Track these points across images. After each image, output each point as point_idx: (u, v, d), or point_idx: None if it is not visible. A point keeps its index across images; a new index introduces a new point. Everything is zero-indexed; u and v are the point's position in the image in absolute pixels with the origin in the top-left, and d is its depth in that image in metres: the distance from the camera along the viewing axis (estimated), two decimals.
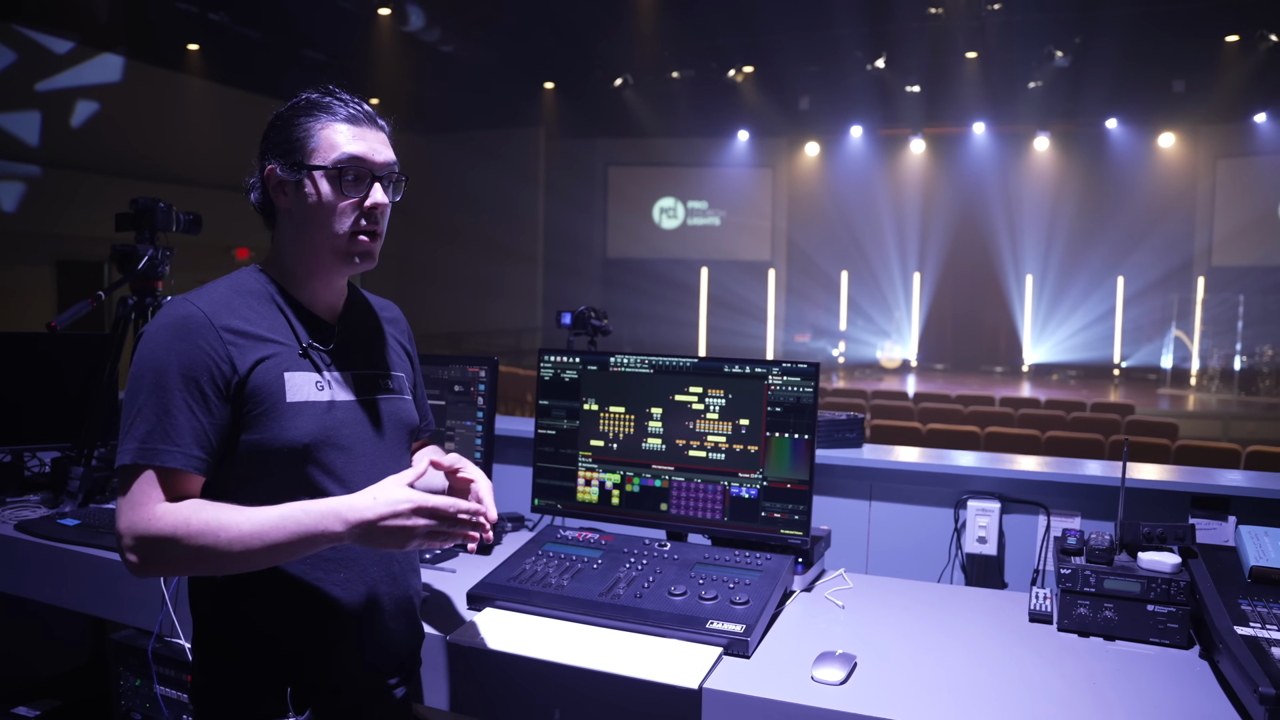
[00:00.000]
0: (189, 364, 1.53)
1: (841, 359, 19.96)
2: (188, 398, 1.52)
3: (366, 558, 1.69)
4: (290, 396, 1.62)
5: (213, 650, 1.66)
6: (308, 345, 1.68)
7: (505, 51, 15.42)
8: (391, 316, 1.96)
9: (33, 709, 3.04)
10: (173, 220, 3.16)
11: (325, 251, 1.66)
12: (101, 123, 13.68)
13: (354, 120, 1.66)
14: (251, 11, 13.20)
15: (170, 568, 1.51)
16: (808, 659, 1.82)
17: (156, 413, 1.52)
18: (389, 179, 1.69)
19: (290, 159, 1.64)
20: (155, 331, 1.57)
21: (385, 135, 1.72)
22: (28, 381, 3.17)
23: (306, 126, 1.64)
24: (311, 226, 1.65)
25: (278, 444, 1.58)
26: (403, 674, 1.79)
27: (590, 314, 3.10)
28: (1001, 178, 18.67)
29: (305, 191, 1.63)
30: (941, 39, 14.43)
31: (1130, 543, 2.13)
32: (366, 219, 1.66)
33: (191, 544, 1.45)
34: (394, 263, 18.72)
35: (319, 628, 1.64)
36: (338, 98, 1.67)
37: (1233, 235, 17.37)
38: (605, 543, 2.33)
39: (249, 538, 1.46)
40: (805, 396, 2.25)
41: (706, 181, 20.62)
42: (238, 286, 1.67)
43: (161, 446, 1.51)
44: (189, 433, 1.52)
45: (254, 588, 1.61)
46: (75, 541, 2.52)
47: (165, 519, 1.47)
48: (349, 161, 1.63)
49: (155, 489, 1.50)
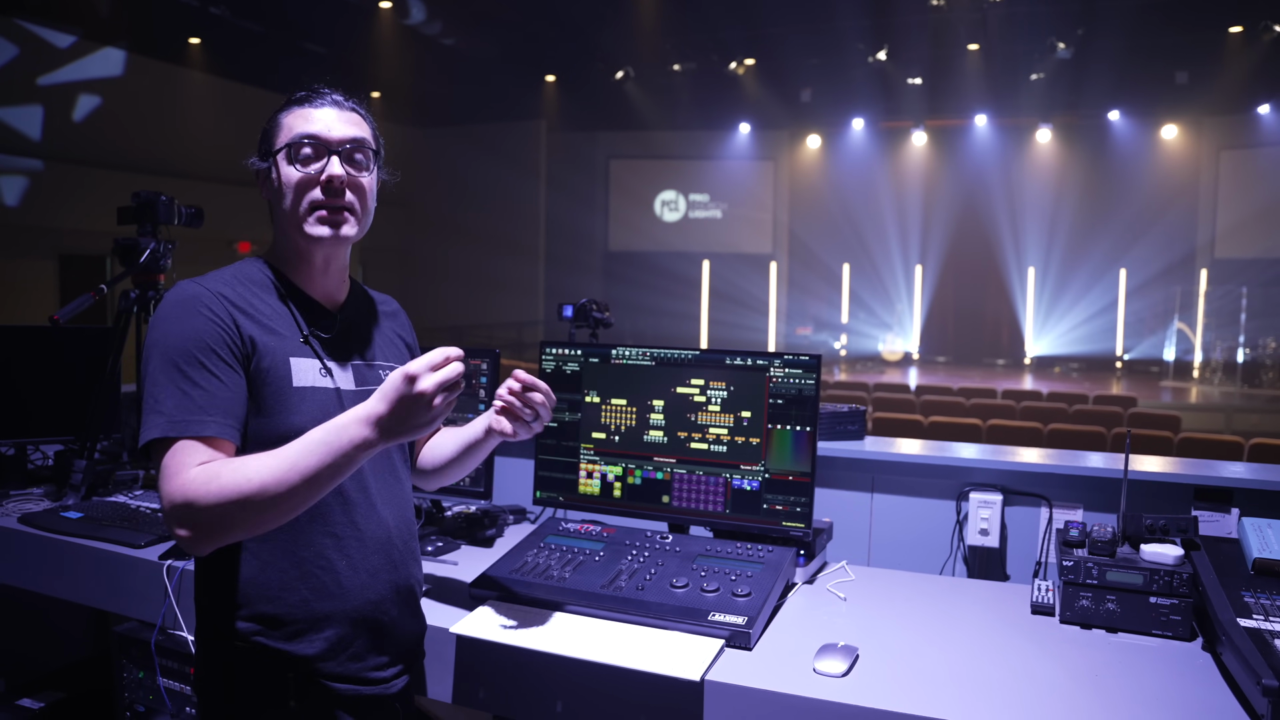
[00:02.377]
0: (207, 335, 1.56)
1: (843, 352, 19.96)
2: (211, 367, 1.55)
3: (367, 545, 1.69)
4: (297, 381, 1.64)
5: (215, 640, 1.66)
6: (309, 333, 1.71)
7: (506, 44, 15.40)
8: (391, 310, 1.98)
9: (37, 701, 3.05)
10: (175, 214, 3.16)
11: (294, 230, 1.70)
12: (103, 117, 13.67)
13: (317, 104, 1.71)
14: (253, 5, 13.19)
15: (222, 530, 1.47)
16: (810, 651, 1.82)
17: (181, 386, 1.52)
18: (350, 154, 1.70)
19: (261, 150, 1.74)
20: (166, 310, 1.60)
21: (355, 116, 1.75)
22: (31, 375, 3.17)
23: (275, 119, 1.73)
24: (281, 208, 1.70)
25: (285, 428, 1.58)
26: (405, 663, 1.79)
27: (592, 307, 3.10)
28: (1004, 170, 18.64)
29: (273, 177, 1.70)
30: (943, 31, 14.40)
31: (1133, 535, 2.13)
32: (325, 192, 1.67)
33: (230, 499, 1.42)
34: (395, 256, 18.74)
35: (320, 615, 1.64)
36: (316, 91, 1.74)
37: (1236, 227, 17.33)
38: (607, 535, 2.33)
39: (284, 473, 1.42)
40: (807, 389, 2.24)
41: (708, 174, 20.61)
42: (241, 275, 1.71)
43: (192, 417, 1.51)
44: (221, 400, 1.54)
45: (254, 575, 1.62)
46: (78, 534, 2.53)
47: (196, 480, 1.44)
48: (301, 139, 1.67)
49: (189, 457, 1.48)
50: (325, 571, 1.65)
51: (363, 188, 1.72)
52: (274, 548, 1.62)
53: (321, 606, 1.64)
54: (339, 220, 1.69)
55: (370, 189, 1.74)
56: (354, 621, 1.67)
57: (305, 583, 1.63)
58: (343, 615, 1.66)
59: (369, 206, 1.75)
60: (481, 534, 2.63)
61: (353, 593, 1.67)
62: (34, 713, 3.02)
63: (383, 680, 1.72)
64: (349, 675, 1.67)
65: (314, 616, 1.64)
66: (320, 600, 1.64)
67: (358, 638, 1.68)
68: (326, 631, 1.64)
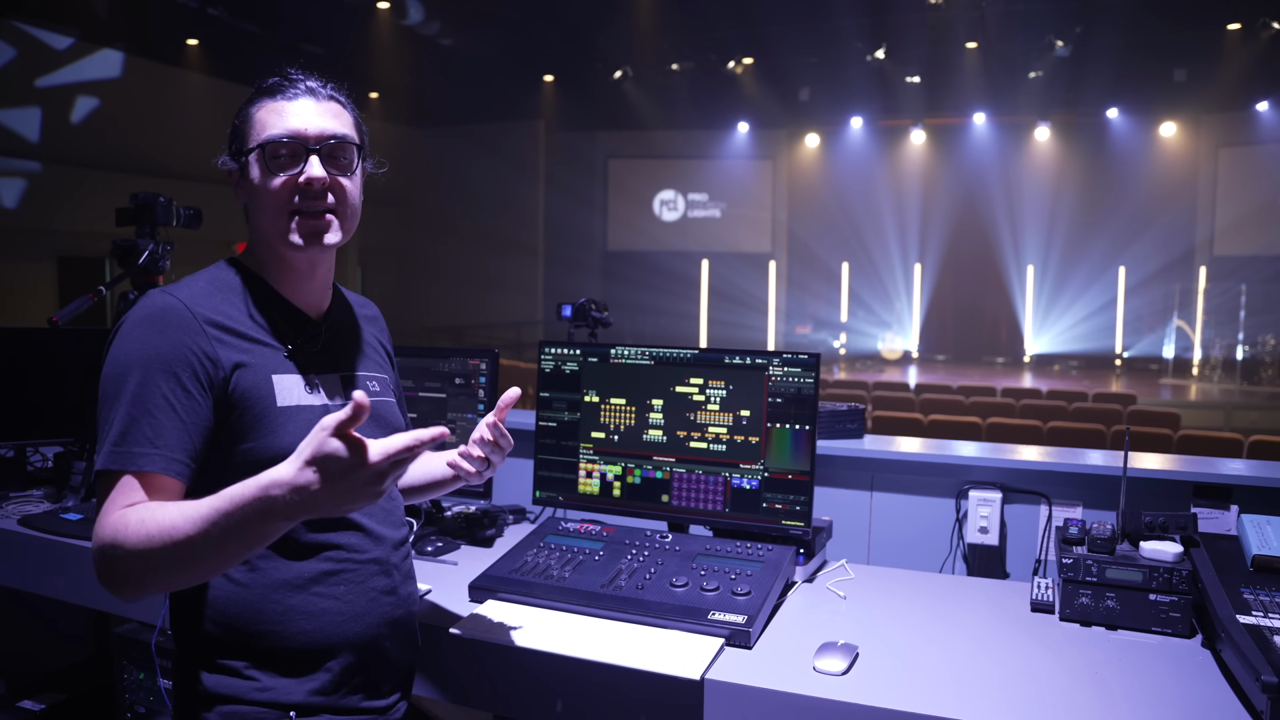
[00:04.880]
0: (169, 357, 1.44)
1: (842, 350, 19.96)
2: (169, 395, 1.42)
3: (364, 569, 1.60)
4: (281, 400, 1.53)
5: (199, 675, 1.53)
6: (294, 346, 1.60)
7: (505, 44, 15.39)
8: (370, 314, 1.88)
9: (37, 702, 3.05)
10: (173, 215, 3.16)
11: (274, 237, 1.57)
12: (101, 118, 13.67)
13: (290, 96, 1.56)
14: (250, 6, 13.18)
15: (133, 583, 1.35)
16: (809, 649, 1.82)
17: (134, 412, 1.41)
18: (329, 152, 1.56)
19: (232, 148, 1.60)
20: (131, 325, 1.48)
21: (334, 105, 1.60)
22: (30, 377, 3.17)
23: (245, 113, 1.59)
24: (257, 213, 1.58)
25: (272, 451, 1.46)
26: (402, 689, 1.71)
27: (591, 306, 3.10)
28: (1002, 168, 18.65)
29: (247, 178, 1.58)
30: (941, 29, 14.39)
31: (1132, 532, 2.13)
32: (302, 196, 1.54)
33: (141, 548, 1.30)
34: (394, 256, 18.75)
35: (318, 644, 1.54)
36: (287, 78, 1.59)
37: (1234, 224, 17.34)
38: (607, 534, 2.33)
39: (190, 533, 1.27)
40: (806, 387, 2.24)
41: (707, 173, 20.62)
42: (217, 281, 1.59)
43: (137, 450, 1.40)
44: (170, 433, 1.42)
45: (247, 607, 1.51)
46: (78, 536, 2.53)
47: (127, 521, 1.32)
48: (276, 138, 1.53)
49: (126, 496, 1.38)
50: (323, 595, 1.55)
51: (344, 189, 1.58)
52: (262, 576, 1.52)
53: (319, 636, 1.53)
54: (320, 227, 1.56)
55: (354, 189, 1.61)
56: (353, 649, 1.57)
57: (302, 609, 1.53)
58: (341, 644, 1.55)
59: (354, 208, 1.62)
60: (481, 534, 2.63)
61: (350, 619, 1.57)
62: (34, 714, 3.02)
63: (384, 709, 1.64)
64: (349, 708, 1.57)
65: (311, 647, 1.53)
66: (317, 630, 1.53)
67: (357, 666, 1.58)
68: (326, 662, 1.54)
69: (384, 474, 1.24)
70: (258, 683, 1.51)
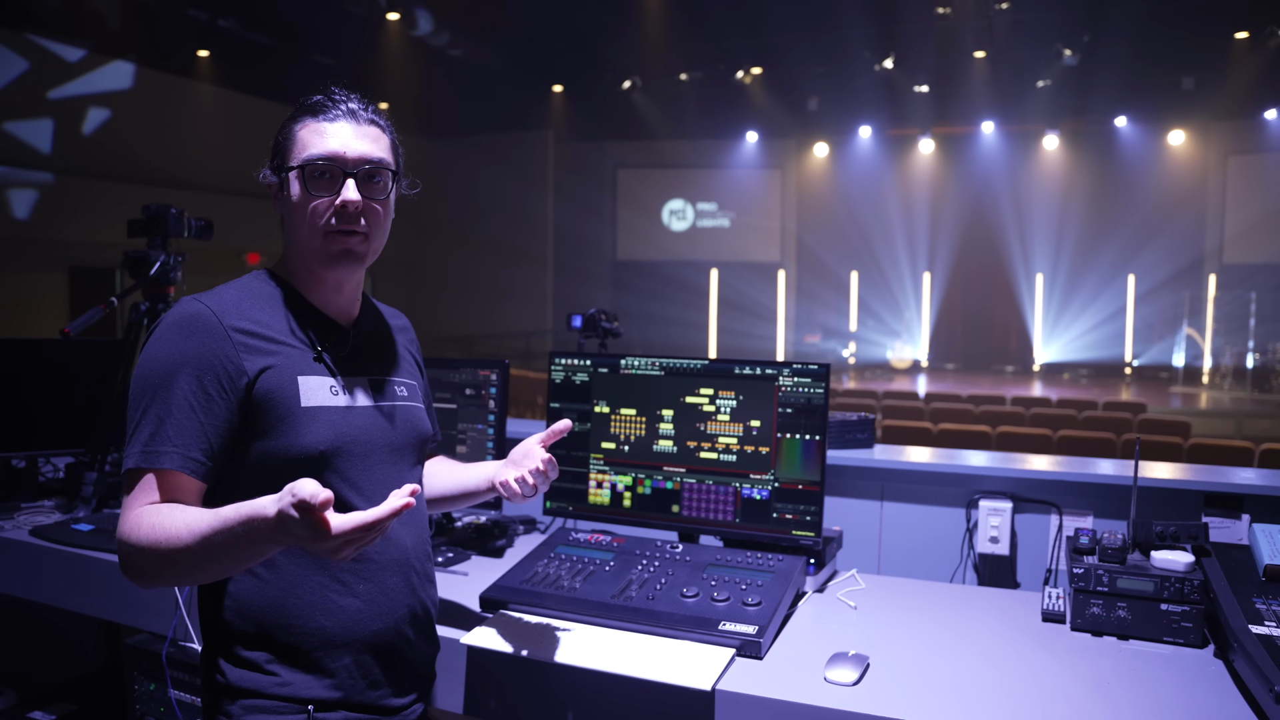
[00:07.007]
0: (195, 363, 1.51)
1: (852, 359, 19.95)
2: (191, 398, 1.50)
3: (386, 569, 1.65)
4: (305, 401, 1.59)
5: (224, 668, 1.58)
6: (322, 349, 1.66)
7: (514, 55, 15.46)
8: (401, 325, 1.94)
9: (48, 713, 3.06)
10: (184, 226, 3.17)
11: (309, 252, 1.64)
12: (113, 130, 13.77)
13: (331, 117, 1.63)
14: (261, 18, 13.27)
15: (148, 576, 1.45)
16: (820, 660, 1.82)
17: (160, 414, 1.49)
18: (365, 175, 1.63)
19: (274, 163, 1.66)
20: (162, 331, 1.55)
21: (373, 129, 1.66)
22: (41, 388, 3.18)
23: (288, 130, 1.64)
24: (294, 227, 1.64)
25: (294, 450, 1.55)
26: (420, 690, 1.75)
27: (600, 316, 3.11)
28: (1011, 177, 18.63)
29: (286, 194, 1.63)
30: (950, 38, 14.41)
31: (1143, 542, 2.13)
32: (338, 218, 1.60)
33: (150, 548, 1.40)
34: (404, 267, 18.78)
35: (337, 642, 1.59)
36: (330, 98, 1.65)
37: (1244, 232, 17.29)
38: (617, 545, 2.33)
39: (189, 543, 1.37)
40: (816, 397, 2.25)
41: (715, 183, 20.64)
42: (249, 289, 1.65)
43: (160, 449, 1.48)
44: (189, 433, 1.49)
45: (266, 603, 1.56)
46: (89, 546, 2.54)
47: (143, 519, 1.43)
48: (316, 159, 1.59)
49: (144, 494, 1.47)
50: (343, 594, 1.60)
51: (377, 212, 1.65)
52: (285, 572, 1.57)
53: (338, 633, 1.59)
54: (351, 247, 1.63)
55: (386, 213, 1.68)
56: (372, 648, 1.62)
57: (323, 607, 1.58)
58: (360, 642, 1.60)
59: (384, 229, 1.69)
60: (491, 544, 2.63)
61: (370, 618, 1.62)
62: None
63: (400, 709, 1.68)
64: (367, 704, 1.62)
65: (331, 643, 1.58)
66: (337, 627, 1.59)
67: (376, 665, 1.63)
68: (345, 659, 1.59)
69: (348, 543, 1.28)
70: (278, 678, 1.56)
